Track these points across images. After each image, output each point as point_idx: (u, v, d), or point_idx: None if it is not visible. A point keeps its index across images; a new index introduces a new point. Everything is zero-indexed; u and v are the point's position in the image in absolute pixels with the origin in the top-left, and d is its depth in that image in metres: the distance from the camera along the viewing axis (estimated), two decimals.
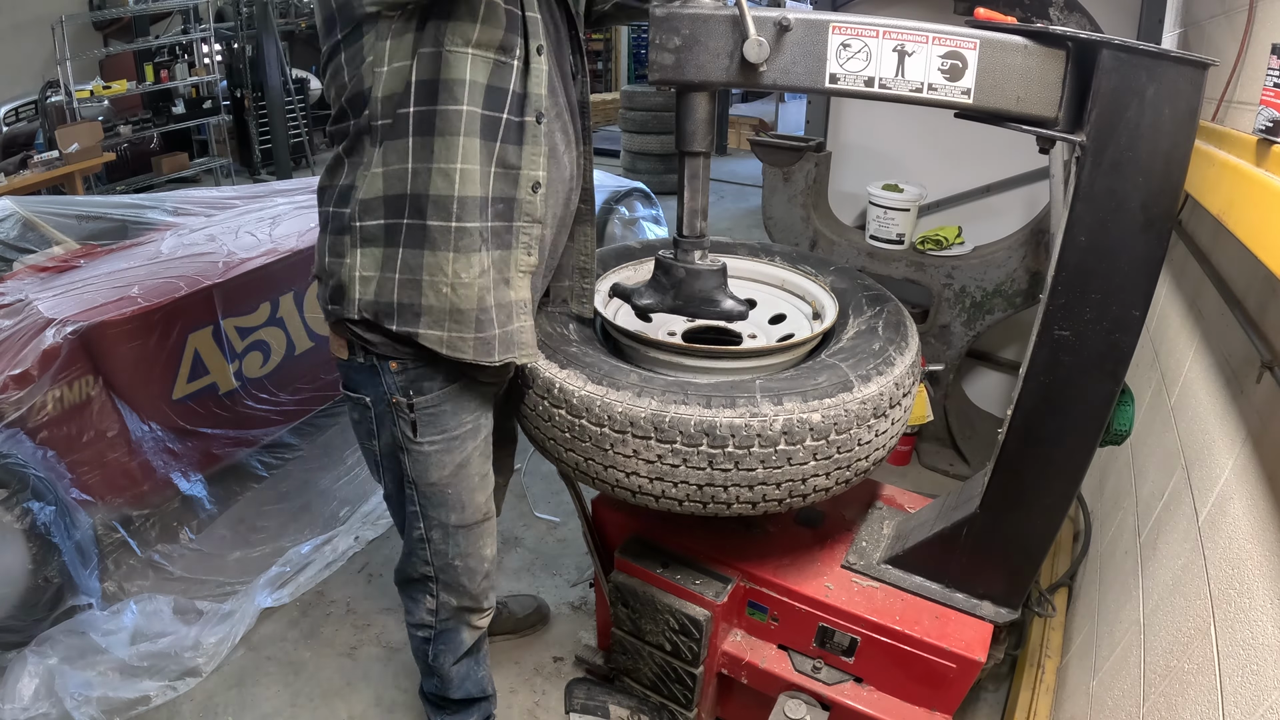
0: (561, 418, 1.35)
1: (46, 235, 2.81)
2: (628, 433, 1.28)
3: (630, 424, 1.27)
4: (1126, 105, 1.05)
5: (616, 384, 1.30)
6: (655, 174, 7.19)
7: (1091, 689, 1.48)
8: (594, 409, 1.30)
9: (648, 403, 1.26)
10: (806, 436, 1.24)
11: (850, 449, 1.30)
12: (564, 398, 1.34)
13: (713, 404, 1.25)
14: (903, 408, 1.39)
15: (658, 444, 1.27)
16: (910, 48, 1.09)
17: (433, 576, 1.48)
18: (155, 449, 2.44)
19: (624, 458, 1.30)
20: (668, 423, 1.25)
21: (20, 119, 6.72)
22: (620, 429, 1.28)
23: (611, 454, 1.31)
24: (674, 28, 1.12)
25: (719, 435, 1.23)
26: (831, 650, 1.52)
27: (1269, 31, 1.34)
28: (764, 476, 1.27)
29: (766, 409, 1.24)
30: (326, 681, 2.03)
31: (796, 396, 1.26)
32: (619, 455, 1.30)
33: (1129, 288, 1.15)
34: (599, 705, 1.74)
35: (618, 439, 1.29)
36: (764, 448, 1.24)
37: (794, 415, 1.24)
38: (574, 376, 1.34)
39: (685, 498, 1.31)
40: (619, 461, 1.31)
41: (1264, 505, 1.06)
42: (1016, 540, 1.41)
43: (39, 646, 1.95)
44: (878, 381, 1.32)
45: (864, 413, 1.29)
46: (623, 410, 1.27)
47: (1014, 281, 2.65)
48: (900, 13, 2.35)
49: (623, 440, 1.29)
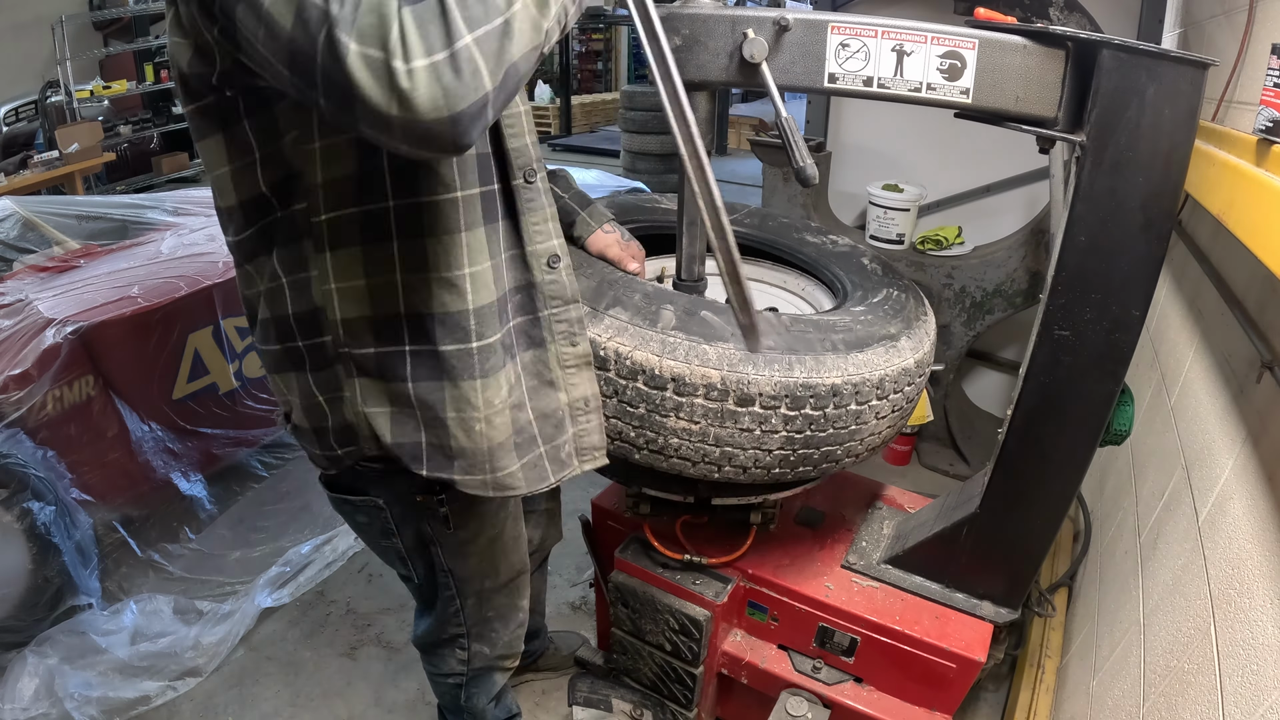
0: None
1: (46, 235, 2.81)
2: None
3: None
4: (1126, 105, 1.05)
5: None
6: (655, 174, 7.19)
7: (1091, 689, 1.48)
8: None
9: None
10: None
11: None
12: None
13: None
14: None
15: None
16: (909, 47, 1.09)
17: (464, 634, 1.32)
18: (155, 449, 2.44)
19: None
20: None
21: (20, 119, 6.72)
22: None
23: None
24: (673, 28, 1.12)
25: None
26: (831, 650, 1.52)
27: (1269, 31, 1.34)
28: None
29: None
30: (326, 681, 2.02)
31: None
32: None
33: (1129, 288, 1.15)
34: (602, 699, 1.74)
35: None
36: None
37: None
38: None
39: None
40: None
41: (1264, 505, 1.06)
42: (1016, 540, 1.41)
43: (39, 646, 1.95)
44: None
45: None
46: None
47: (1014, 281, 2.65)
48: (900, 13, 2.36)
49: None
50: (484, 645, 1.34)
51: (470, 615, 1.30)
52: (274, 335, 0.99)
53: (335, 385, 0.98)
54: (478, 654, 1.35)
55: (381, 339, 0.94)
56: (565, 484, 1.17)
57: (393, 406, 0.97)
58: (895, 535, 1.63)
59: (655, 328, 1.20)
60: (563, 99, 10.56)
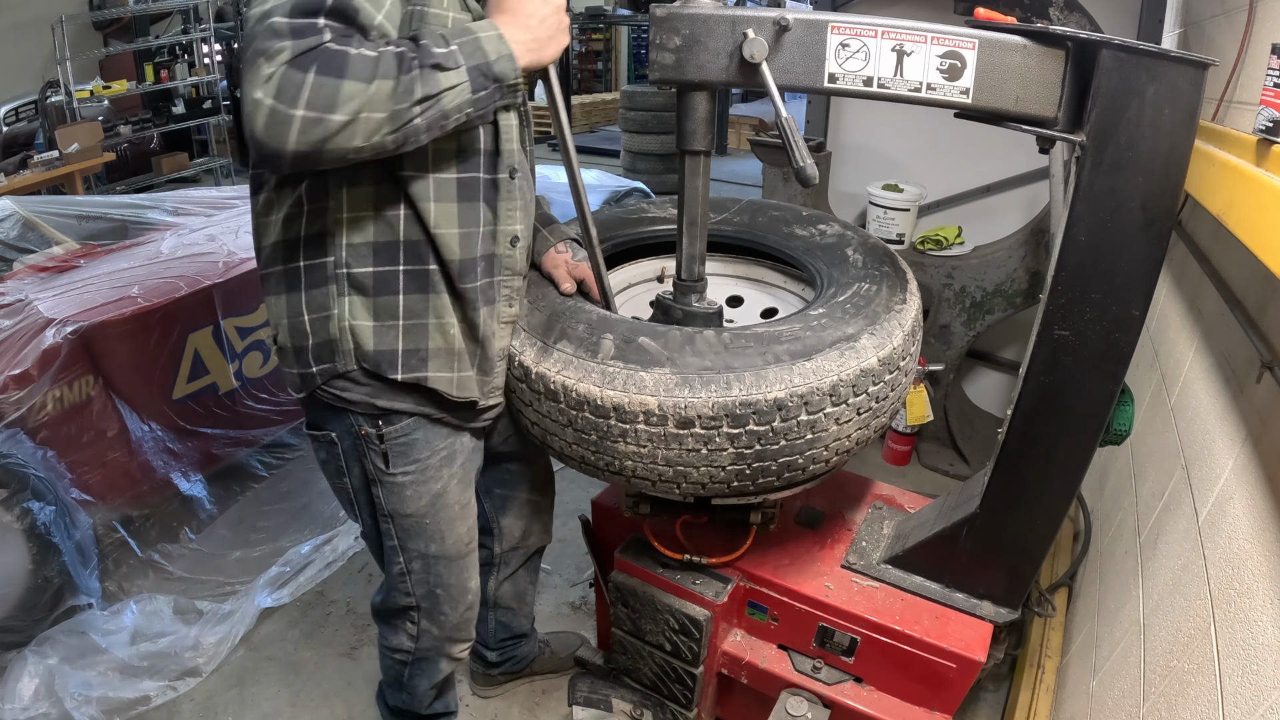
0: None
1: (46, 235, 2.81)
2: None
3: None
4: (1126, 105, 1.05)
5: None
6: (655, 174, 7.20)
7: (1091, 689, 1.48)
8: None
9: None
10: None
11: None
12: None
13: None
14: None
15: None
16: (909, 47, 1.09)
17: (414, 606, 1.43)
18: (155, 449, 2.44)
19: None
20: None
21: (20, 119, 6.72)
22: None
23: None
24: (674, 28, 1.12)
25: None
26: (831, 650, 1.52)
27: (1269, 31, 1.34)
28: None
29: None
30: (326, 681, 2.03)
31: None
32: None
33: (1129, 287, 1.15)
34: (602, 699, 1.74)
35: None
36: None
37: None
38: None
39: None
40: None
41: (1264, 505, 1.06)
42: (1016, 540, 1.41)
43: (39, 646, 1.95)
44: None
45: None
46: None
47: (1014, 281, 2.65)
48: (900, 13, 2.36)
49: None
50: (433, 624, 1.44)
51: (417, 583, 1.40)
52: (280, 257, 1.18)
53: (324, 304, 1.17)
54: (426, 632, 1.45)
55: (380, 260, 1.15)
56: (565, 484, 1.21)
57: (376, 320, 1.17)
58: (895, 535, 1.63)
59: (596, 358, 1.22)
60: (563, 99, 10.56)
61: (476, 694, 1.98)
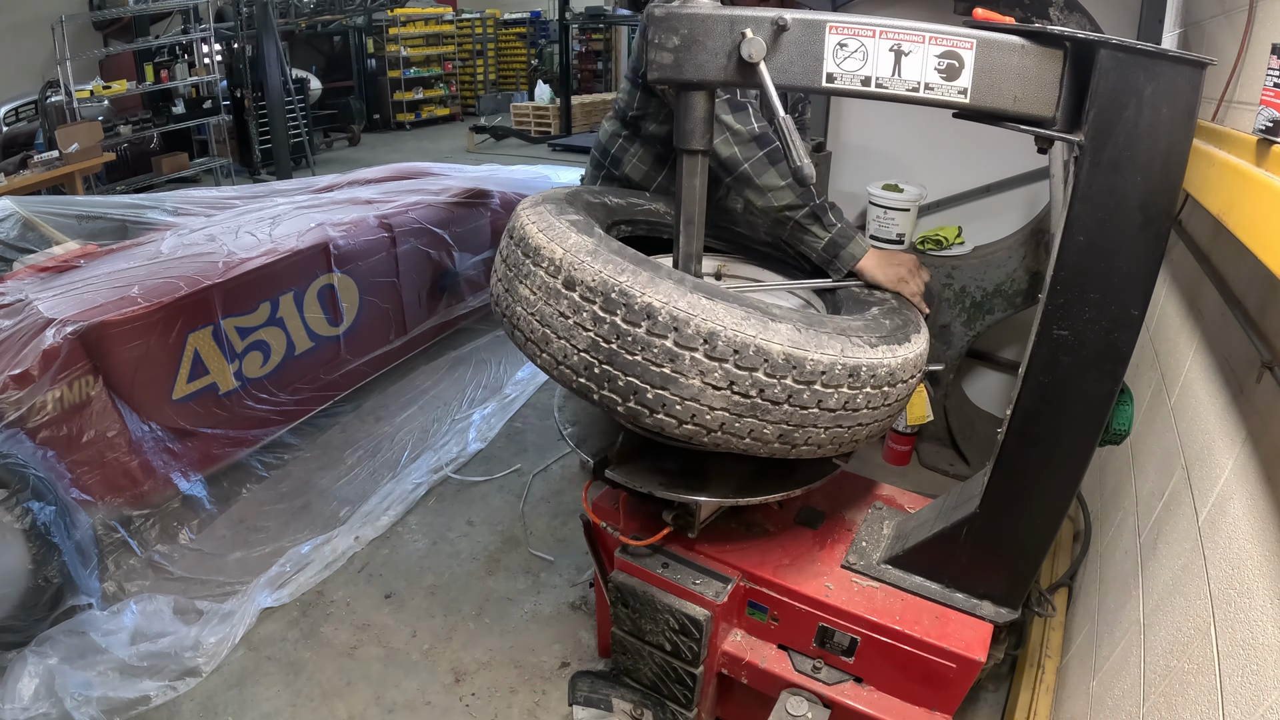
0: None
1: (46, 235, 2.82)
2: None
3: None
4: (1124, 105, 1.05)
5: None
6: None
7: (1091, 689, 1.47)
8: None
9: None
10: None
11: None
12: None
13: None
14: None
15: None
16: (907, 47, 1.09)
17: None
18: (155, 449, 2.44)
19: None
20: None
21: (20, 119, 6.73)
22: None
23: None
24: (672, 27, 1.12)
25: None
26: (831, 650, 1.52)
27: (1269, 31, 1.34)
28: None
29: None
30: (326, 681, 2.03)
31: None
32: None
33: (1128, 287, 1.15)
34: (602, 698, 1.74)
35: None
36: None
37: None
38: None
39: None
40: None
41: (1264, 505, 1.06)
42: (1016, 540, 1.41)
43: (39, 646, 1.95)
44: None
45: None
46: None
47: (1014, 281, 2.65)
48: (899, 13, 2.36)
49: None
50: None
51: None
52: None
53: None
54: None
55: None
56: (565, 484, 1.19)
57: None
58: (895, 535, 1.63)
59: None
60: (563, 99, 10.56)
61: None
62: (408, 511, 2.69)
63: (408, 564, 2.45)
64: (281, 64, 7.75)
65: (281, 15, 8.45)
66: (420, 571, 2.42)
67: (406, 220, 3.51)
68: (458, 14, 13.30)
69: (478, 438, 3.13)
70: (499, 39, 14.53)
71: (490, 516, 2.69)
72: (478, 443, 3.10)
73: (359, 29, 11.24)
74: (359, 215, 3.35)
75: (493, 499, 2.79)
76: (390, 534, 2.57)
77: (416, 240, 3.54)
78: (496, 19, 14.26)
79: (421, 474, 2.86)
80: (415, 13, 12.31)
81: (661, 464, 1.54)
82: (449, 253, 3.76)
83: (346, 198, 3.67)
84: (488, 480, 2.89)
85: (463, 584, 2.37)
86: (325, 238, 3.06)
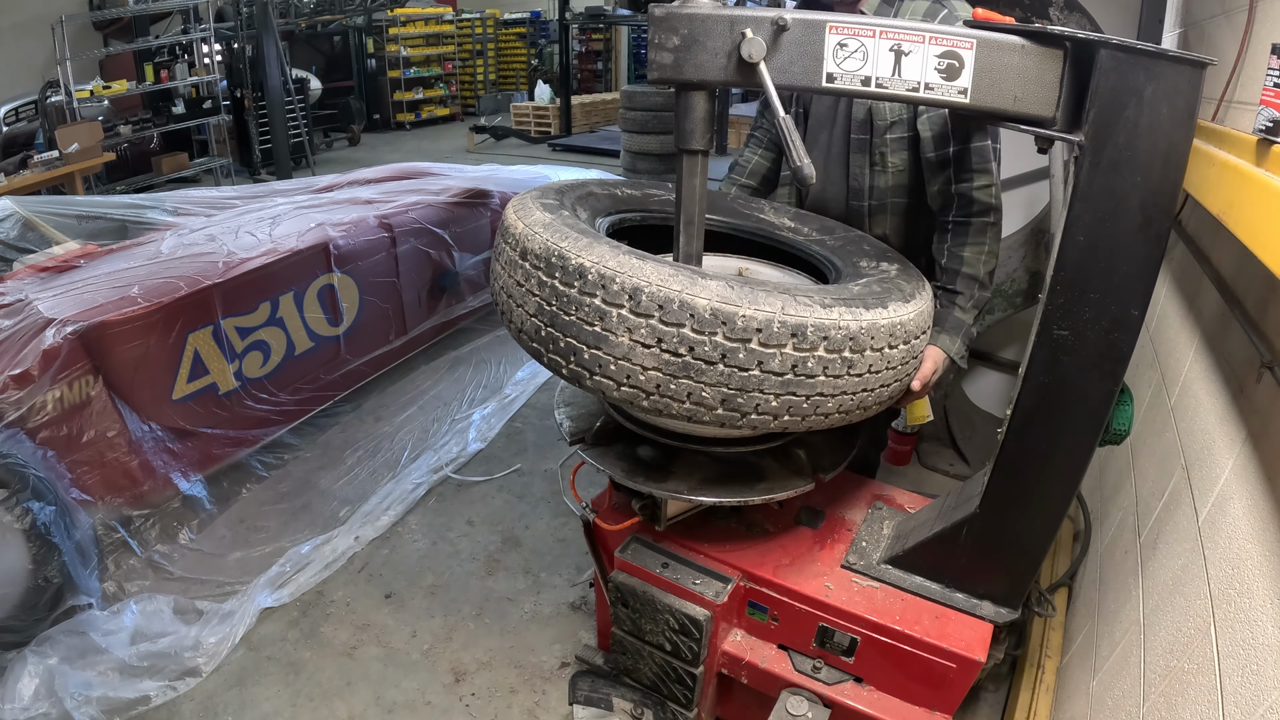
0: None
1: (46, 235, 2.82)
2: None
3: None
4: (1124, 105, 1.05)
5: None
6: (655, 173, 7.20)
7: (1091, 689, 1.47)
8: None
9: None
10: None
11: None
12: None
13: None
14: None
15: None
16: (907, 47, 1.09)
17: None
18: (155, 449, 2.44)
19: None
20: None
21: (20, 119, 6.74)
22: None
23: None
24: (673, 27, 1.12)
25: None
26: (831, 650, 1.52)
27: (1269, 31, 1.34)
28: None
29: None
30: (326, 681, 2.03)
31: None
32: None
33: (1128, 287, 1.15)
34: (602, 697, 1.74)
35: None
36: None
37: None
38: None
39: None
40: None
41: (1264, 505, 1.06)
42: (1016, 540, 1.40)
43: (39, 646, 1.95)
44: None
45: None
46: None
47: (1014, 281, 2.65)
48: None
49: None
50: None
51: None
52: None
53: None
54: None
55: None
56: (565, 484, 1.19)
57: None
58: (895, 535, 1.63)
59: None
60: (563, 99, 10.56)
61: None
62: (408, 511, 2.69)
63: (408, 564, 2.45)
64: (281, 64, 7.75)
65: (281, 15, 8.45)
66: (420, 571, 2.42)
67: (406, 220, 3.51)
68: (458, 14, 13.31)
69: (478, 438, 3.13)
70: (499, 39, 14.54)
71: (490, 516, 2.69)
72: (478, 443, 3.11)
73: (359, 29, 11.25)
74: (359, 215, 3.35)
75: (493, 499, 2.79)
76: (390, 534, 2.57)
77: (416, 240, 3.55)
78: (496, 19, 14.27)
79: (421, 474, 2.86)
80: (415, 13, 12.32)
81: (636, 451, 1.55)
82: (449, 253, 3.77)
83: (346, 198, 3.67)
84: (488, 480, 2.89)
85: (462, 584, 2.37)
86: (325, 238, 3.06)
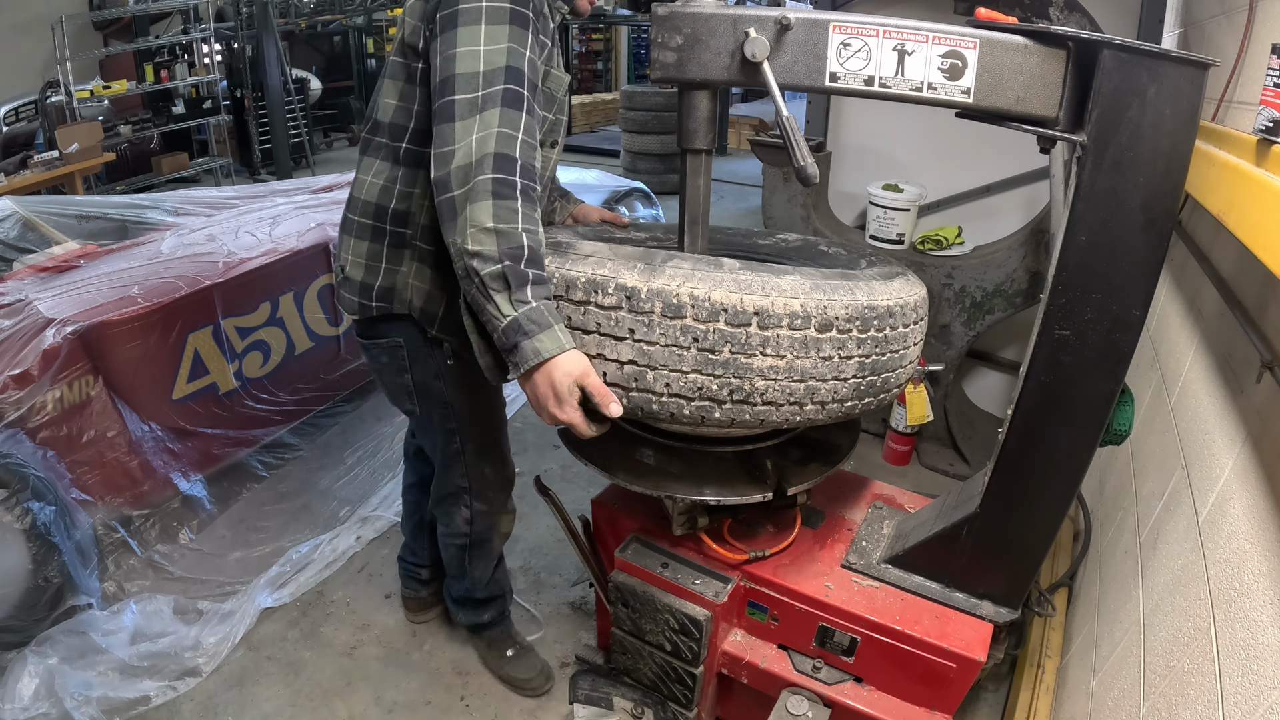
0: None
1: (46, 235, 2.81)
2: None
3: None
4: (1127, 105, 1.05)
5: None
6: (655, 174, 7.20)
7: (1091, 689, 1.48)
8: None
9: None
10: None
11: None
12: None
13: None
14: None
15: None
16: (910, 47, 1.10)
17: (467, 488, 1.73)
18: (155, 449, 2.44)
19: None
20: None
21: (20, 119, 6.73)
22: None
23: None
24: (676, 26, 1.12)
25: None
26: (831, 650, 1.52)
27: (1269, 31, 1.34)
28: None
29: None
30: (326, 681, 2.02)
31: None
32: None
33: (1129, 287, 1.15)
34: (603, 696, 1.74)
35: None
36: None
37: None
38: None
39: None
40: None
41: (1264, 505, 1.06)
42: (1016, 540, 1.41)
43: (39, 646, 1.95)
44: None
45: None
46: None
47: (1014, 281, 2.65)
48: (901, 12, 2.36)
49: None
50: (482, 504, 1.77)
51: (471, 466, 1.71)
52: (371, 214, 1.49)
53: (398, 260, 1.49)
54: (479, 513, 1.78)
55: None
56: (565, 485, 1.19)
57: (430, 287, 1.49)
58: (895, 535, 1.63)
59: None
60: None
61: (410, 620, 2.19)
62: None
63: None
64: (281, 64, 7.75)
65: (281, 15, 8.45)
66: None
67: None
68: None
69: None
70: None
71: None
72: None
73: (359, 29, 11.23)
74: None
75: None
76: (390, 534, 2.56)
77: None
78: None
79: None
80: None
81: (636, 453, 1.56)
82: None
83: (347, 198, 3.66)
84: None
85: None
86: (325, 238, 3.06)
